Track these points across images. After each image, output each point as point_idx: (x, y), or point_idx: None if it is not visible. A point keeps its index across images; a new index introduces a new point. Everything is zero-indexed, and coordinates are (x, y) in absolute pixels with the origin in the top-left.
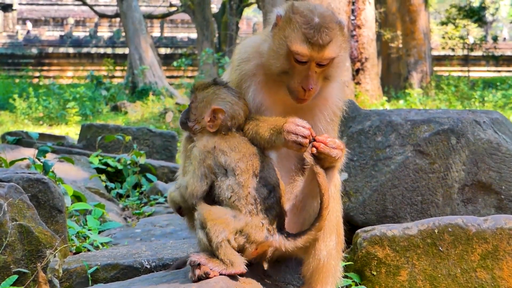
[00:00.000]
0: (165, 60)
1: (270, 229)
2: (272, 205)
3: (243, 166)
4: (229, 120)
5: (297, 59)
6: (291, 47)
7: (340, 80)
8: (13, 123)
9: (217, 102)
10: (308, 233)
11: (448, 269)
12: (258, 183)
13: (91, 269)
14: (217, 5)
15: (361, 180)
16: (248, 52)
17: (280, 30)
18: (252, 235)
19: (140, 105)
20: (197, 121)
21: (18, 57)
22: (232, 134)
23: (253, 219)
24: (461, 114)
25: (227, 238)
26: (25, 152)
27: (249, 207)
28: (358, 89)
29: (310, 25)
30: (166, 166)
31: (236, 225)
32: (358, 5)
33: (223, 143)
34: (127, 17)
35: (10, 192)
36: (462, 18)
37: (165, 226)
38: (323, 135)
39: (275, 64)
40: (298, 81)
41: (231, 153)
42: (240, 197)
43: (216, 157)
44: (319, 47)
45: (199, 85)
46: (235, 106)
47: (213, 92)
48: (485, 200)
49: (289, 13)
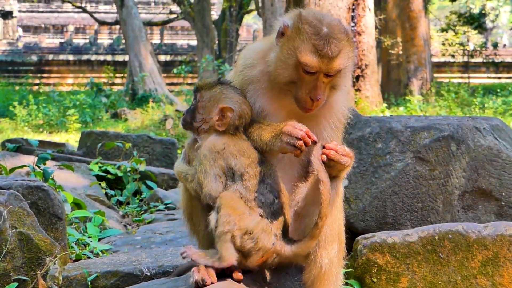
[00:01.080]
0: (165, 67)
1: (277, 235)
2: (278, 210)
3: (252, 172)
4: (237, 119)
5: (306, 70)
6: (301, 58)
7: (345, 88)
8: (13, 130)
9: (226, 100)
10: (304, 240)
11: (448, 276)
12: (265, 189)
13: (91, 276)
14: (217, 12)
15: (361, 187)
16: (252, 58)
17: (289, 40)
18: (261, 240)
19: (140, 112)
20: (205, 120)
21: (18, 64)
22: (239, 135)
23: (263, 221)
24: (461, 120)
25: (233, 232)
26: (25, 159)
27: (259, 210)
28: (358, 95)
29: (319, 36)
30: (166, 173)
31: (248, 223)
32: (358, 11)
33: (232, 146)
34: (127, 24)
35: (10, 199)
36: (462, 25)
37: (165, 233)
38: (333, 142)
39: (283, 74)
40: (306, 92)
41: (241, 157)
42: (249, 199)
43: (226, 159)
44: (329, 59)
45: (204, 84)
46: (243, 105)
47: (221, 91)
48: (485, 206)
49: (297, 23)
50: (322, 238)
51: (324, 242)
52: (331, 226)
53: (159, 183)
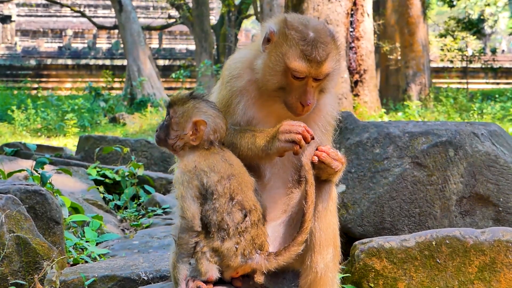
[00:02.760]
0: (164, 72)
1: (245, 253)
2: (246, 229)
3: (221, 189)
4: (212, 133)
5: (295, 76)
6: (289, 64)
7: (333, 90)
8: (11, 134)
9: (199, 114)
10: (290, 248)
11: (445, 281)
12: (233, 207)
13: (88, 280)
14: (216, 17)
15: (359, 192)
16: (239, 68)
17: (276, 47)
18: (225, 258)
19: (139, 117)
20: (179, 137)
21: (17, 68)
22: (213, 149)
23: (225, 243)
24: (459, 126)
25: (202, 250)
26: (23, 163)
27: (221, 233)
28: (356, 101)
29: (306, 41)
30: (164, 177)
31: (210, 244)
32: (357, 17)
33: (203, 162)
34: (126, 28)
35: (8, 203)
36: (461, 30)
37: (163, 238)
38: (326, 145)
39: (272, 80)
40: (296, 97)
41: (211, 173)
42: (213, 223)
43: (198, 177)
44: (317, 63)
45: (177, 99)
46: (217, 119)
47: (193, 106)
48: (483, 212)
49: (283, 29)
50: (317, 243)
51: (319, 247)
52: (326, 231)
53: (157, 188)
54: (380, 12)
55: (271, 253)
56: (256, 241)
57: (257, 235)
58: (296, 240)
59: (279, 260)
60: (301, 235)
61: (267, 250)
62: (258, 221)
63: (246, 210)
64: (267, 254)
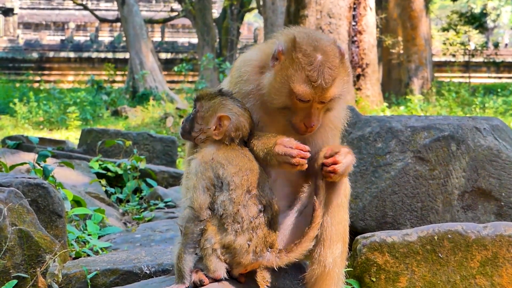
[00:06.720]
0: (166, 65)
1: (256, 251)
2: (260, 225)
3: (238, 181)
4: (234, 131)
5: (300, 99)
6: (294, 88)
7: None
8: (13, 127)
9: (224, 110)
10: (302, 244)
11: (447, 276)
12: (250, 200)
13: (90, 274)
14: (218, 10)
15: (361, 186)
16: (248, 72)
17: (283, 68)
18: (237, 255)
19: (141, 110)
20: (202, 130)
21: (19, 61)
22: (233, 145)
23: (238, 238)
24: (461, 120)
25: (213, 247)
26: (25, 156)
27: (235, 226)
28: (358, 95)
29: (313, 67)
30: (166, 171)
31: (223, 239)
32: (359, 11)
33: (221, 155)
34: (128, 21)
35: (10, 196)
36: (463, 24)
37: (165, 232)
38: (333, 157)
39: (277, 100)
40: (300, 118)
41: (228, 165)
42: (229, 214)
43: (214, 169)
44: (322, 89)
45: (205, 94)
46: (241, 118)
47: (220, 102)
48: (485, 207)
49: (291, 51)
50: (327, 237)
51: (329, 241)
52: (337, 226)
53: (159, 181)
54: (382, 6)
55: (282, 250)
56: (268, 239)
57: (269, 233)
58: (308, 236)
59: (290, 257)
60: (312, 231)
61: (277, 248)
62: (272, 219)
63: (262, 206)
64: (278, 252)
